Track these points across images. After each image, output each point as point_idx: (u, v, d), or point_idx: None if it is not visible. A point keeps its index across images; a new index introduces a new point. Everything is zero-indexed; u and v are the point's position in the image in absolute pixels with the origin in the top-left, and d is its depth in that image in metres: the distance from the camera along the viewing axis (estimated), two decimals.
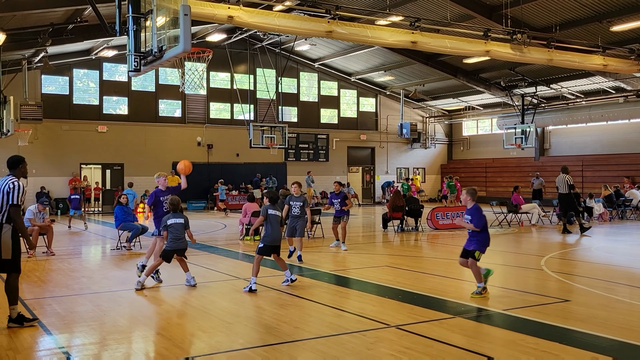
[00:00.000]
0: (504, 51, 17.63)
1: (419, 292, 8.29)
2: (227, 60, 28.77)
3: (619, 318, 6.91)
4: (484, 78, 30.24)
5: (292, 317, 6.98)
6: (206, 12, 13.75)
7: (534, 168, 31.35)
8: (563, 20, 21.38)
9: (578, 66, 20.20)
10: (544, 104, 30.47)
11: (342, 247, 13.33)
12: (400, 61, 29.71)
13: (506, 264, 11.56)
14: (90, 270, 10.97)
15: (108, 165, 28.49)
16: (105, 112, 28.52)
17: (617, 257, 12.39)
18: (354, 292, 8.64)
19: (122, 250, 13.41)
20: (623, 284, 9.21)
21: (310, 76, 33.83)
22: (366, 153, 35.77)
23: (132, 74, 8.94)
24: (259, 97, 31.76)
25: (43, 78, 27.09)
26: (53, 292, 8.66)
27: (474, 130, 37.38)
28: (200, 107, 30.58)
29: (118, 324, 6.80)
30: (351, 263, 11.50)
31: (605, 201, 21.53)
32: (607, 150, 29.28)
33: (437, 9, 21.99)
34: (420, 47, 16.74)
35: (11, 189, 6.55)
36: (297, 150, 32.78)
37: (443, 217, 18.34)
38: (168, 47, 8.20)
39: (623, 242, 15.08)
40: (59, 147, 26.74)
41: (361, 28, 16.14)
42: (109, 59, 27.66)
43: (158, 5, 8.31)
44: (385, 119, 35.85)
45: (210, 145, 30.36)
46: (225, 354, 5.63)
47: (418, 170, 36.99)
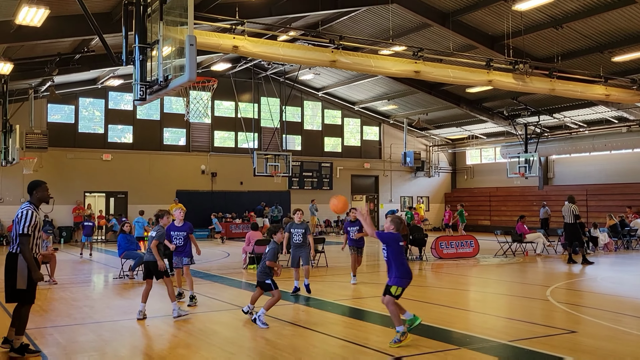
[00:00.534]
0: (507, 81, 17.75)
1: (424, 323, 8.20)
2: (232, 89, 29.02)
3: (627, 350, 6.82)
4: (487, 107, 30.38)
5: (296, 348, 6.90)
6: (212, 42, 13.92)
7: (538, 197, 31.29)
8: (564, 51, 21.55)
9: (580, 96, 20.29)
10: (547, 133, 30.54)
11: (352, 279, 12.54)
12: (403, 90, 29.90)
13: (512, 294, 11.45)
14: (93, 299, 10.91)
15: (112, 194, 28.53)
16: (110, 141, 28.68)
17: (623, 288, 12.27)
18: (358, 322, 8.55)
19: (124, 279, 13.35)
20: (630, 315, 9.10)
21: (314, 105, 34.05)
22: (370, 181, 35.78)
23: (137, 102, 9.02)
24: (263, 126, 31.93)
25: (49, 107, 27.31)
26: (55, 321, 8.60)
27: (478, 159, 37.41)
28: (204, 135, 30.73)
29: (119, 354, 6.73)
30: (355, 292, 11.40)
31: (610, 231, 21.41)
32: (611, 179, 29.23)
33: (439, 39, 22.21)
34: (424, 76, 16.86)
35: (19, 218, 6.50)
36: (301, 179, 32.81)
37: (447, 246, 18.25)
38: (174, 76, 8.29)
39: (629, 273, 14.94)
40: (64, 176, 26.82)
41: (364, 58, 16.29)
42: (114, 88, 27.91)
43: (164, 35, 8.41)
44: (388, 147, 35.94)
45: (214, 173, 30.43)
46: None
47: (422, 199, 36.93)
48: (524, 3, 17.80)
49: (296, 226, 10.99)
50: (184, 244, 10.03)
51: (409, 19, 21.46)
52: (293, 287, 10.94)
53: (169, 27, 8.40)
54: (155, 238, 8.80)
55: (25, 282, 6.47)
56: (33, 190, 6.72)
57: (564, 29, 19.86)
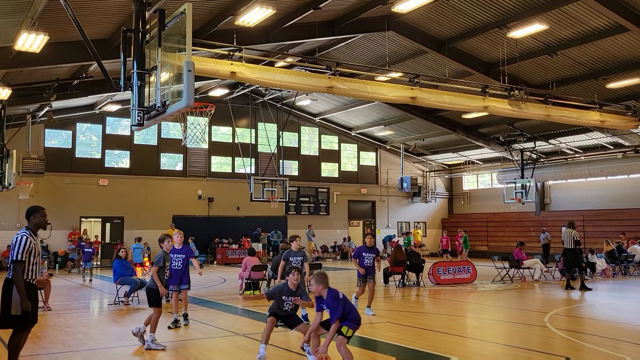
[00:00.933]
0: (502, 107, 17.87)
1: (421, 350, 8.12)
2: (229, 115, 29.15)
3: None
4: (483, 133, 30.55)
5: None
6: (209, 68, 14.01)
7: (535, 223, 31.29)
8: (559, 77, 21.77)
9: (575, 122, 20.43)
10: (543, 158, 30.67)
11: (368, 311, 11.56)
12: (400, 116, 30.08)
13: (510, 321, 11.37)
14: (87, 325, 10.79)
15: (108, 219, 28.43)
16: (107, 166, 28.67)
17: (622, 314, 12.20)
18: (355, 349, 8.45)
19: (119, 305, 13.23)
20: (629, 342, 9.04)
21: (311, 130, 34.19)
22: (367, 207, 35.76)
23: (135, 128, 9.03)
24: (260, 151, 32.00)
25: (46, 132, 27.35)
26: (48, 348, 8.49)
27: (474, 185, 37.49)
28: (201, 160, 30.77)
29: None
30: None
31: (607, 257, 21.37)
32: (608, 205, 29.28)
33: (435, 66, 22.43)
34: (420, 102, 16.98)
35: (13, 244, 6.48)
36: (298, 204, 32.78)
37: (445, 272, 18.17)
38: (171, 102, 8.32)
39: (627, 299, 14.87)
40: (60, 201, 26.74)
41: (361, 84, 16.41)
42: (112, 113, 28.01)
43: (163, 61, 8.47)
44: (385, 173, 36.01)
45: (211, 198, 30.39)
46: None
47: (419, 224, 36.91)
48: (518, 31, 18.03)
49: (294, 254, 10.61)
50: (183, 267, 10.05)
51: (405, 46, 21.68)
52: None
53: (167, 54, 8.46)
54: (155, 264, 8.81)
55: (19, 309, 6.42)
56: (30, 216, 6.70)
57: (558, 56, 20.09)
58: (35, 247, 6.60)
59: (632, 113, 20.66)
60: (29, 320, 6.57)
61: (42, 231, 6.92)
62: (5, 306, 6.47)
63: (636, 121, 20.83)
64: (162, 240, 9.33)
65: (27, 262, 6.49)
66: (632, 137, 26.52)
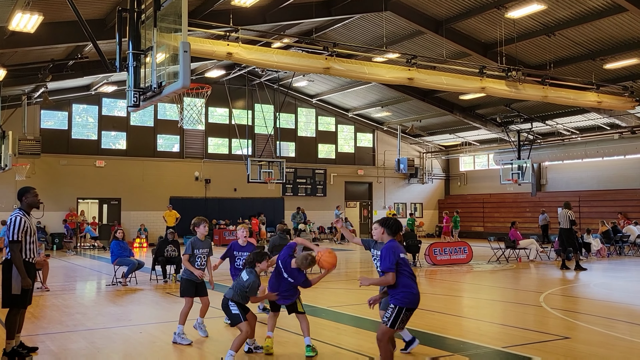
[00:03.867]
0: (500, 88, 17.84)
1: (417, 329, 8.19)
2: (226, 96, 29.02)
3: (620, 356, 6.84)
4: (480, 114, 30.51)
5: (290, 355, 6.89)
6: (206, 49, 13.93)
7: (531, 203, 31.41)
8: (557, 58, 21.69)
9: (573, 103, 20.41)
10: (539, 139, 30.68)
11: None
12: (397, 97, 29.99)
13: (505, 300, 11.47)
14: (85, 306, 10.84)
15: (105, 200, 28.44)
16: (103, 147, 28.61)
17: (616, 294, 12.31)
18: (351, 329, 8.54)
19: (117, 285, 13.29)
20: (623, 321, 9.13)
21: (308, 112, 34.09)
22: (364, 188, 35.80)
23: (131, 109, 8.98)
24: (257, 133, 31.94)
25: (42, 113, 27.24)
26: (47, 328, 8.55)
27: (471, 166, 37.52)
28: (198, 142, 30.71)
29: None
30: (349, 299, 11.39)
31: (602, 237, 21.50)
32: (603, 186, 29.37)
33: (433, 47, 22.32)
34: (417, 83, 16.93)
35: (8, 225, 6.56)
36: (295, 185, 32.79)
37: (441, 252, 18.27)
38: (167, 83, 8.27)
39: (622, 279, 15.00)
40: (57, 182, 26.72)
41: (358, 65, 16.34)
42: (108, 95, 27.88)
43: (158, 42, 8.41)
44: (382, 154, 36.01)
45: (208, 180, 30.39)
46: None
47: (416, 205, 37.03)
48: (516, 11, 17.92)
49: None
50: None
51: (403, 27, 21.55)
52: None
53: (162, 34, 8.40)
54: (185, 252, 7.88)
55: (19, 288, 6.55)
56: (22, 197, 6.78)
57: (556, 36, 19.99)
58: (31, 227, 6.68)
59: (629, 94, 20.65)
60: (27, 298, 6.68)
61: (36, 211, 6.95)
62: (6, 286, 6.59)
63: (633, 102, 20.83)
64: (197, 225, 8.08)
65: (24, 241, 6.58)
66: (628, 117, 26.52)
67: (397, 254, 5.53)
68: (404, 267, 5.55)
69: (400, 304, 5.49)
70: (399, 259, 5.51)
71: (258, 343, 7.10)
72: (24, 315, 6.96)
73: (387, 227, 5.71)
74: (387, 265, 5.47)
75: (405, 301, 5.50)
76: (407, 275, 5.55)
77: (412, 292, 5.52)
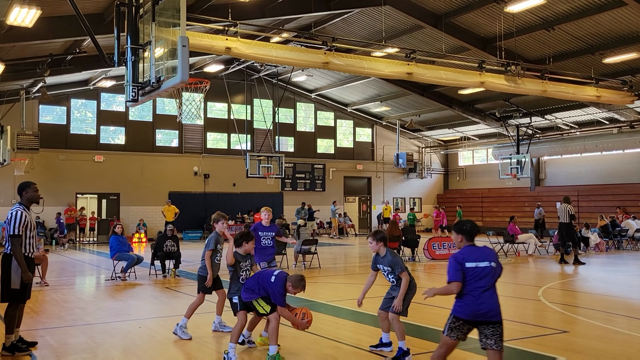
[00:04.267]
0: (499, 82, 17.82)
1: (415, 323, 8.22)
2: (225, 91, 28.98)
3: (618, 350, 6.85)
4: (479, 109, 30.50)
5: (288, 349, 6.90)
6: (204, 44, 13.90)
7: (530, 198, 31.43)
8: (556, 53, 21.67)
9: (572, 97, 20.40)
10: (538, 134, 30.68)
11: None
12: (396, 92, 29.97)
13: (503, 295, 11.44)
14: (84, 301, 10.85)
15: (104, 195, 28.43)
16: (102, 142, 28.58)
17: (614, 288, 12.34)
18: (350, 323, 8.56)
19: (116, 280, 13.30)
20: (621, 315, 9.16)
21: (306, 106, 34.06)
22: (362, 183, 35.81)
23: (129, 104, 8.97)
24: (256, 127, 31.90)
25: (41, 108, 27.20)
26: (46, 323, 8.56)
27: (470, 161, 37.54)
28: (197, 137, 30.69)
29: (111, 356, 6.71)
30: (347, 294, 11.41)
31: (601, 231, 21.54)
32: (602, 180, 29.40)
33: (432, 41, 22.28)
34: (416, 78, 16.91)
35: (8, 220, 6.56)
36: (294, 180, 32.80)
37: (440, 247, 18.29)
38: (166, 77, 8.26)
39: (620, 273, 15.03)
40: (55, 177, 26.70)
41: (357, 59, 16.32)
42: (106, 89, 27.83)
43: (157, 36, 8.39)
44: (381, 149, 36.00)
45: (207, 175, 30.38)
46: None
47: (415, 200, 37.04)
48: (515, 5, 17.89)
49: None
50: (272, 244, 9.41)
51: (402, 21, 21.51)
52: None
53: (161, 28, 8.38)
54: (206, 247, 7.65)
55: (19, 282, 6.55)
56: (23, 191, 6.79)
57: (555, 30, 19.97)
58: (31, 222, 6.68)
59: (628, 88, 20.64)
60: (27, 293, 6.69)
61: (35, 206, 6.96)
62: (5, 281, 6.59)
63: (632, 96, 20.82)
64: (217, 221, 8.01)
65: (24, 236, 6.58)
66: (627, 112, 26.52)
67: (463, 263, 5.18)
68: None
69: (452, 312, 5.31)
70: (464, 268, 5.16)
71: (253, 338, 7.11)
72: (23, 310, 6.97)
73: (464, 234, 5.30)
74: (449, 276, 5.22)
75: (455, 309, 5.29)
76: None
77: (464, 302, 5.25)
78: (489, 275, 5.25)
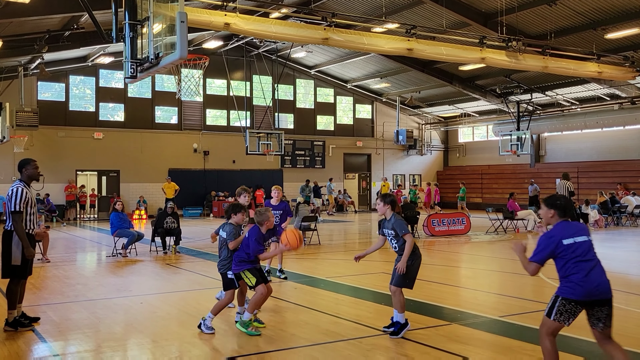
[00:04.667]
0: (499, 58, 17.71)
1: (415, 299, 8.28)
2: (224, 67, 28.80)
3: (616, 324, 6.88)
4: (479, 85, 30.35)
5: (288, 324, 6.97)
6: (203, 19, 13.77)
7: (530, 175, 31.44)
8: (558, 28, 21.49)
9: (573, 73, 20.29)
10: (539, 110, 30.58)
11: None
12: (396, 68, 29.79)
13: (502, 271, 11.56)
14: (86, 277, 10.93)
15: (104, 172, 28.43)
16: (101, 119, 28.50)
17: (613, 264, 12.40)
18: (350, 299, 8.63)
19: (117, 257, 13.37)
20: (619, 291, 9.21)
21: (306, 83, 33.90)
22: (362, 160, 35.80)
23: (128, 80, 8.94)
24: (256, 104, 31.79)
25: (39, 85, 27.07)
26: (48, 299, 8.63)
27: (470, 137, 37.47)
28: (196, 113, 30.59)
29: (113, 331, 6.77)
30: (347, 270, 11.48)
31: (600, 208, 21.59)
32: (602, 157, 29.38)
33: (432, 17, 22.08)
34: (416, 54, 16.80)
35: (9, 196, 6.57)
36: (294, 157, 32.78)
37: (439, 223, 18.36)
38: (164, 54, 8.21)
39: (619, 249, 15.11)
40: (55, 154, 26.68)
41: (357, 35, 16.19)
42: (105, 66, 27.67)
43: (155, 12, 8.32)
44: (381, 125, 35.91)
45: (207, 152, 30.35)
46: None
47: (414, 177, 37.07)
48: None
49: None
50: (279, 223, 9.46)
51: None
52: None
53: (159, 4, 8.31)
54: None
55: (20, 258, 6.58)
56: (22, 168, 6.80)
57: (557, 5, 19.78)
58: (31, 199, 6.71)
59: (630, 64, 20.51)
60: (28, 269, 6.73)
61: (35, 183, 6.98)
62: (6, 257, 6.63)
63: (634, 72, 20.70)
64: (239, 195, 7.82)
65: (25, 212, 6.61)
66: (628, 88, 26.40)
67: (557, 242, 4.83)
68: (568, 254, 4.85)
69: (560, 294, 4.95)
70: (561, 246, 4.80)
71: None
72: (24, 286, 7.02)
73: (557, 209, 4.89)
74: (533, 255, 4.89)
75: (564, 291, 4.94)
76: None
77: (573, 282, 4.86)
78: (591, 250, 4.88)
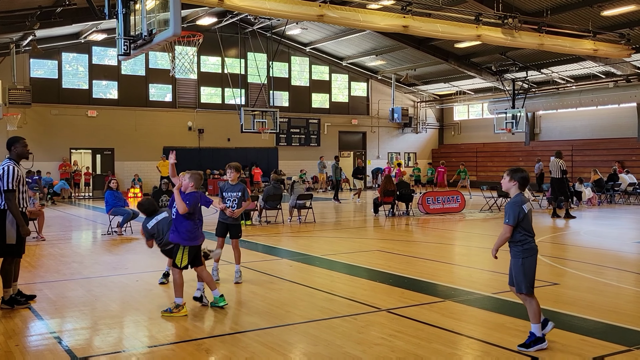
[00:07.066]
0: (495, 36, 17.64)
1: (410, 276, 8.34)
2: (218, 44, 28.58)
3: (607, 301, 7.00)
4: (475, 63, 30.23)
5: (284, 301, 7.02)
6: None
7: (524, 153, 31.53)
8: (554, 5, 21.36)
9: (569, 51, 20.23)
10: (534, 88, 30.54)
11: None
12: (391, 45, 29.62)
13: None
14: (81, 255, 10.95)
15: (98, 150, 28.34)
16: (95, 97, 28.31)
17: (606, 241, 12.51)
18: (345, 277, 8.68)
19: (113, 235, 13.39)
20: (611, 268, 9.31)
21: (301, 60, 33.69)
22: (357, 138, 35.77)
23: (121, 57, 8.87)
24: (250, 82, 31.62)
25: (31, 62, 26.82)
26: (44, 277, 8.65)
27: (465, 115, 37.44)
28: (191, 91, 30.41)
29: (109, 308, 6.81)
30: (342, 247, 11.54)
31: (594, 185, 21.68)
32: (597, 135, 29.44)
33: None
34: (412, 31, 16.71)
35: (1, 175, 6.52)
36: (289, 135, 32.72)
37: (434, 201, 18.43)
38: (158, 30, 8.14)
39: (612, 226, 15.21)
40: (49, 132, 26.55)
41: (352, 12, 16.08)
42: (98, 43, 27.41)
43: None
44: (376, 103, 35.82)
45: (201, 130, 30.25)
46: (218, 337, 5.66)
47: (409, 155, 37.09)
48: None
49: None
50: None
51: None
52: None
53: None
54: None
55: (14, 237, 6.55)
56: (11, 146, 6.76)
57: None
58: (22, 177, 6.67)
59: (626, 42, 20.47)
60: (22, 247, 6.73)
61: (25, 162, 6.93)
62: (0, 236, 6.60)
63: (629, 50, 20.67)
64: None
65: (17, 190, 6.57)
66: (624, 66, 26.35)
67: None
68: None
69: None
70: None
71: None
72: (19, 264, 7.02)
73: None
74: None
75: None
76: None
77: None
78: None
